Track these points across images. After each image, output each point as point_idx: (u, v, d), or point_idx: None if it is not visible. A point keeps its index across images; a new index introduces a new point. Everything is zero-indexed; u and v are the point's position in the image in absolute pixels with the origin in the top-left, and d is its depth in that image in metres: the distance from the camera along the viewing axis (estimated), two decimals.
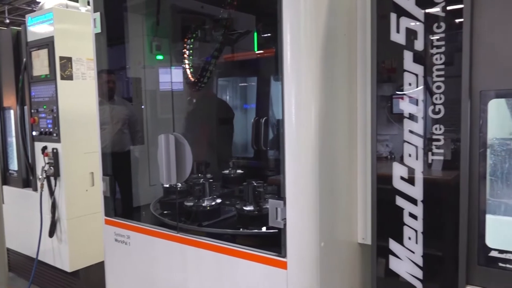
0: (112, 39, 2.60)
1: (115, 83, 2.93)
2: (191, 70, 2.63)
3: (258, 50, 2.84)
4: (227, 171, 2.93)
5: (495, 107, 1.68)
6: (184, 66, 2.64)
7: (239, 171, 2.93)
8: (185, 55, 2.66)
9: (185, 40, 2.67)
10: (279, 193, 1.85)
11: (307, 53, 1.72)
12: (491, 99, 1.59)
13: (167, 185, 2.57)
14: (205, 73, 2.38)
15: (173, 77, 2.48)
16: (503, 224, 1.77)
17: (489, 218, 1.67)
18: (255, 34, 2.78)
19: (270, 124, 2.92)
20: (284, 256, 1.78)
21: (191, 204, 2.37)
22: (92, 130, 2.70)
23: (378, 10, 1.74)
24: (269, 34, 2.76)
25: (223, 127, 3.18)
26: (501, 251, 1.59)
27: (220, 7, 2.50)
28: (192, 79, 2.55)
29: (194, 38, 2.66)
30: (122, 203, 2.67)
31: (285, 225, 1.76)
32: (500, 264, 1.58)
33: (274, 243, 1.84)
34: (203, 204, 2.34)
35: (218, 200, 2.41)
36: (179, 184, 2.45)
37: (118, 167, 2.65)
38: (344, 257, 2.00)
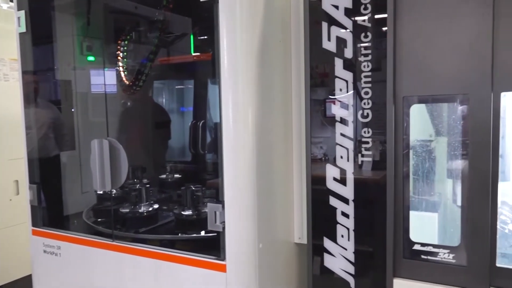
0: (39, 39, 2.46)
1: (39, 85, 2.77)
2: (126, 72, 2.57)
3: (194, 53, 2.83)
4: (164, 176, 2.89)
5: (417, 112, 1.82)
6: (118, 68, 2.56)
7: (176, 175, 2.90)
8: (119, 57, 2.59)
9: (119, 41, 2.60)
10: (217, 197, 1.87)
11: (244, 58, 1.75)
12: (413, 104, 1.72)
13: (101, 192, 2.48)
14: (140, 76, 2.33)
15: (106, 80, 2.40)
16: (424, 219, 1.92)
17: (413, 214, 1.80)
18: (191, 37, 2.77)
19: (207, 128, 2.92)
20: (223, 259, 1.79)
21: (127, 210, 2.30)
22: (16, 135, 2.54)
23: (310, 19, 1.82)
24: (205, 38, 2.76)
25: (159, 131, 3.13)
26: (423, 244, 1.72)
27: (155, 8, 2.46)
28: (127, 82, 2.48)
29: (129, 40, 2.59)
30: (51, 212, 2.53)
31: (223, 228, 1.78)
32: (423, 256, 1.72)
33: (213, 246, 1.85)
34: (140, 210, 2.29)
35: (156, 206, 2.37)
36: (114, 191, 2.37)
37: (46, 174, 2.51)
38: (281, 257, 2.05)
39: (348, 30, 1.75)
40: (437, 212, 1.97)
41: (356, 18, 1.73)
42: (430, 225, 1.94)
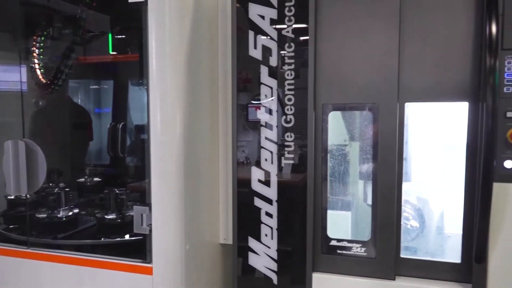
0: None
1: None
2: (42, 70, 2.43)
3: (116, 53, 2.76)
4: (82, 179, 2.77)
5: (333, 118, 1.98)
6: (33, 65, 2.42)
7: (96, 179, 2.80)
8: (35, 54, 2.44)
9: (35, 37, 2.45)
10: (141, 200, 1.86)
11: (172, 61, 1.77)
12: (331, 111, 1.87)
13: (12, 197, 2.32)
14: (59, 74, 2.22)
15: (21, 77, 2.25)
16: (339, 217, 2.08)
17: (330, 213, 1.95)
18: (113, 36, 2.71)
19: (127, 130, 2.86)
20: (150, 262, 1.79)
21: (44, 216, 2.18)
22: None
23: (238, 27, 1.89)
24: (129, 38, 2.71)
25: (78, 133, 2.99)
26: (338, 240, 1.88)
27: (76, 5, 2.36)
28: (44, 81, 2.35)
29: (46, 36, 2.46)
30: None
31: (150, 230, 1.78)
32: (338, 251, 1.87)
33: (138, 250, 1.83)
34: (59, 215, 2.18)
35: (76, 210, 2.27)
36: (28, 195, 2.23)
37: None
38: (207, 258, 2.09)
39: (273, 39, 1.85)
40: (351, 210, 2.15)
41: (281, 29, 1.84)
42: (345, 223, 2.10)
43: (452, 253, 1.85)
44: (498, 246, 1.64)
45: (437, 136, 2.22)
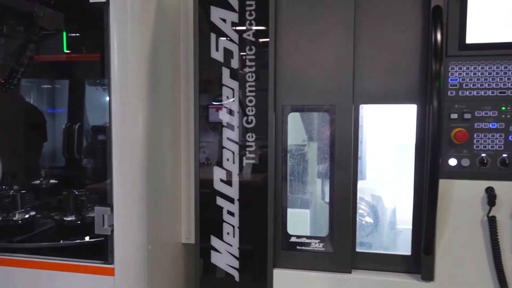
0: None
1: None
2: None
3: (74, 52, 2.71)
4: (37, 182, 2.69)
5: (293, 119, 2.05)
6: None
7: (52, 181, 2.72)
8: None
9: None
10: (102, 201, 1.85)
11: (135, 62, 1.78)
12: (290, 112, 1.94)
13: None
14: (15, 73, 2.15)
15: None
16: (299, 215, 2.16)
17: (290, 211, 2.02)
18: (70, 35, 2.65)
19: (84, 131, 2.81)
20: (111, 263, 1.78)
21: None
22: None
23: (200, 29, 1.92)
24: (87, 38, 2.67)
25: (31, 133, 2.90)
26: (298, 236, 1.95)
27: (33, 2, 2.30)
28: None
29: None
30: None
31: (112, 231, 1.77)
32: (298, 247, 1.94)
33: (99, 251, 1.82)
34: (14, 218, 2.12)
35: (33, 213, 2.21)
36: None
37: None
38: (169, 258, 2.10)
39: (234, 42, 1.89)
40: (309, 208, 2.23)
41: (242, 32, 1.89)
42: (304, 220, 2.18)
43: (403, 246, 1.97)
44: (444, 237, 1.77)
45: (389, 136, 2.35)
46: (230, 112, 1.93)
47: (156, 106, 1.92)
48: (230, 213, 1.93)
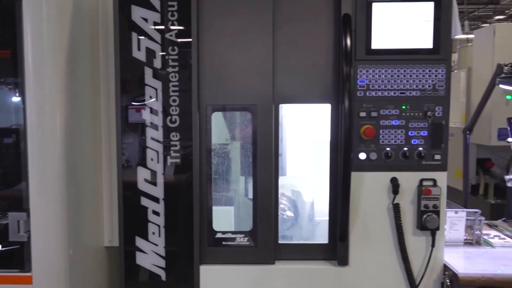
0: None
1: None
2: None
3: None
4: None
5: (216, 118, 2.10)
6: None
7: None
8: None
9: None
10: (14, 206, 1.75)
11: (51, 61, 1.71)
12: (214, 112, 1.99)
13: None
14: None
15: None
16: (224, 212, 2.21)
17: (215, 208, 2.07)
18: None
19: None
20: (29, 271, 1.70)
21: None
22: None
23: (120, 27, 1.90)
24: None
25: None
26: (223, 232, 2.01)
27: None
28: None
29: None
30: None
31: (29, 237, 1.68)
32: (223, 243, 2.00)
33: (15, 259, 1.72)
34: None
35: None
36: None
37: None
38: (92, 262, 2.04)
39: (156, 42, 1.90)
40: (234, 205, 2.30)
41: (164, 32, 1.90)
42: (229, 216, 2.24)
43: (321, 236, 2.12)
44: (357, 225, 1.94)
45: (307, 134, 2.50)
46: (154, 112, 1.92)
47: (75, 107, 1.86)
48: (156, 212, 1.93)
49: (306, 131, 2.47)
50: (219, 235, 2.01)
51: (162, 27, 1.89)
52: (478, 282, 1.82)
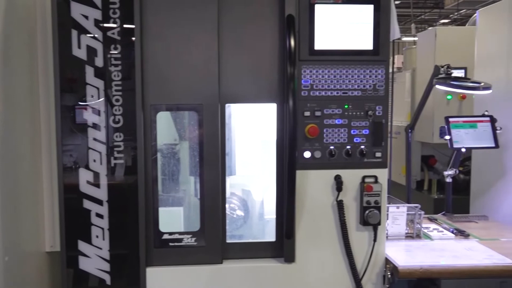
0: None
1: None
2: None
3: None
4: None
5: (164, 118, 2.07)
6: None
7: None
8: None
9: None
10: None
11: None
12: (159, 111, 1.96)
13: None
14: None
15: None
16: (173, 213, 2.19)
17: (163, 209, 2.05)
18: None
19: None
20: None
21: None
22: None
23: (59, 24, 1.83)
24: None
25: None
26: (170, 233, 1.98)
27: None
28: None
29: None
30: None
31: None
32: (170, 244, 1.98)
33: None
34: None
35: None
36: None
37: None
38: (32, 269, 1.95)
39: (98, 40, 1.84)
40: (183, 205, 2.28)
41: (106, 30, 1.85)
42: (178, 217, 2.22)
43: (271, 234, 2.14)
44: (303, 222, 1.97)
45: (256, 133, 2.52)
46: (96, 112, 1.87)
47: (10, 108, 1.77)
48: (99, 215, 1.88)
49: (256, 131, 2.49)
50: (166, 236, 1.98)
51: (104, 24, 1.84)
52: (416, 274, 1.91)
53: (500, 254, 2.03)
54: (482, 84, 2.51)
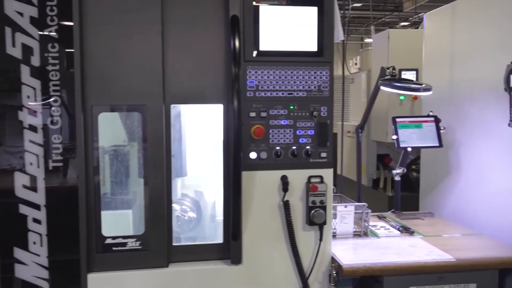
0: None
1: None
2: None
3: None
4: None
5: (113, 119, 2.01)
6: None
7: None
8: None
9: None
10: None
11: None
12: (101, 112, 1.90)
13: None
14: None
15: None
16: (121, 216, 2.13)
17: (110, 213, 1.99)
18: None
19: None
20: None
21: None
22: None
23: None
24: None
25: None
26: (113, 238, 1.93)
27: None
28: None
29: None
30: None
31: None
32: (114, 248, 1.92)
33: None
34: None
35: None
36: None
37: None
38: None
39: (34, 38, 1.77)
40: (132, 208, 2.22)
41: (43, 28, 1.78)
42: (127, 220, 2.17)
43: (221, 236, 2.12)
44: (249, 223, 1.97)
45: (208, 134, 2.50)
46: (32, 112, 1.80)
47: None
48: (36, 220, 1.81)
49: (208, 131, 2.47)
50: (109, 241, 1.92)
51: (41, 22, 1.78)
52: (359, 272, 1.95)
53: (440, 250, 2.10)
54: (423, 85, 2.60)
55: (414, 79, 4.09)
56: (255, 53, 1.91)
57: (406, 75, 4.18)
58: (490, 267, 2.01)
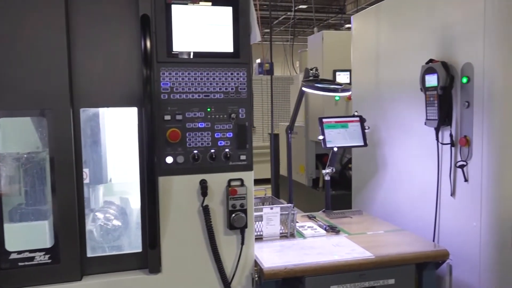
0: None
1: None
2: None
3: None
4: None
5: (26, 124, 1.87)
6: None
7: None
8: None
9: None
10: None
11: None
12: (2, 117, 1.77)
13: None
14: None
15: None
16: (33, 228, 1.99)
17: (23, 225, 1.86)
18: None
19: None
20: None
21: None
22: None
23: None
24: None
25: None
26: (19, 252, 1.80)
27: None
28: None
29: None
30: None
31: None
32: (20, 264, 1.79)
33: None
34: None
35: None
36: None
37: None
38: None
39: None
40: (48, 219, 2.09)
41: None
42: (43, 232, 2.03)
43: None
44: (168, 230, 1.90)
45: (129, 138, 2.40)
46: None
47: None
48: None
49: (129, 135, 2.37)
50: (14, 256, 1.79)
51: None
52: (281, 274, 1.94)
53: (361, 248, 2.13)
54: (342, 86, 2.64)
55: (348, 80, 4.19)
56: (167, 54, 1.85)
57: (341, 76, 4.28)
58: (407, 262, 2.06)
